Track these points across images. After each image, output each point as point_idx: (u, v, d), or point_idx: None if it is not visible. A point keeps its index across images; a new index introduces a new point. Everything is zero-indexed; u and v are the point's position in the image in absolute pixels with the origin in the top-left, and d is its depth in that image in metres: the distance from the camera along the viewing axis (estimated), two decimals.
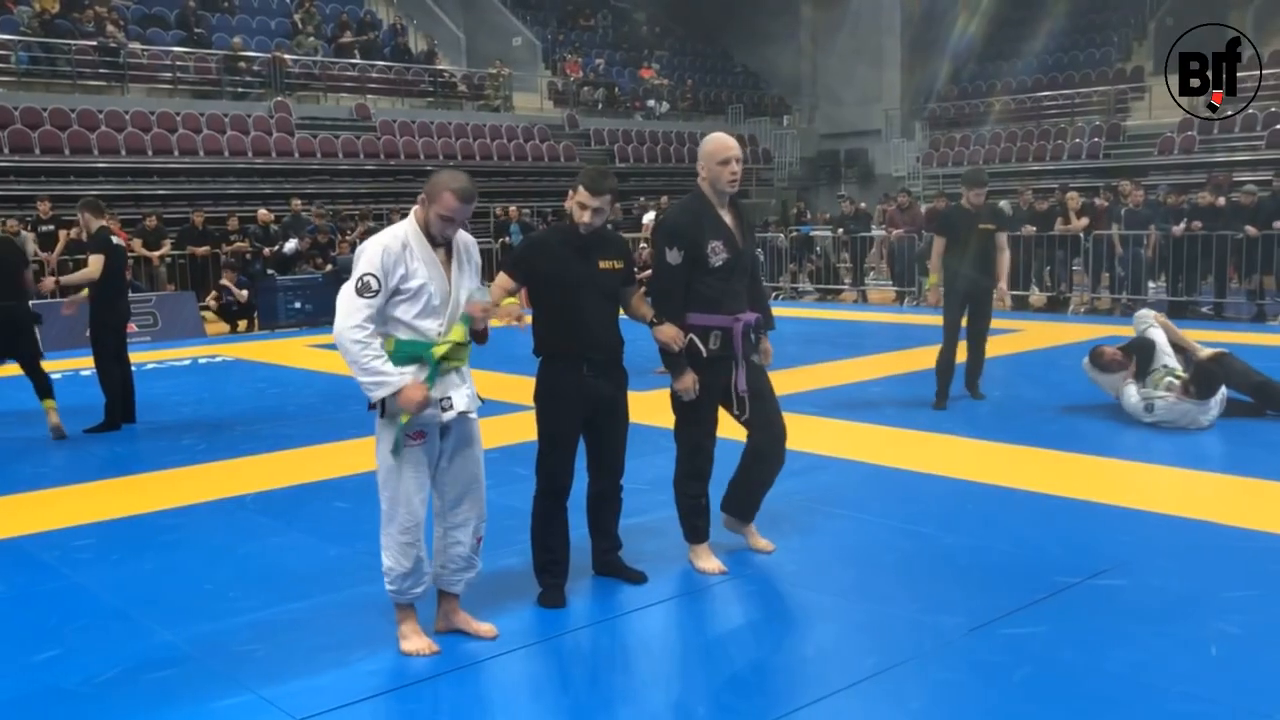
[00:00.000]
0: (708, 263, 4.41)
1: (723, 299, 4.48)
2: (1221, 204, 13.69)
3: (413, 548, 3.83)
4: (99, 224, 8.76)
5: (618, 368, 4.41)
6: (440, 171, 3.85)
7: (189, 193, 18.53)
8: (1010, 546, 4.94)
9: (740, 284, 4.57)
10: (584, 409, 4.30)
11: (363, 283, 3.63)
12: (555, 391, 4.26)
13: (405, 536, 3.81)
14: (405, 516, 3.79)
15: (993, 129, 26.40)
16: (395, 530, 3.81)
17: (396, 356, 3.70)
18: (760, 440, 4.72)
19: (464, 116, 23.98)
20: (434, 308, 3.72)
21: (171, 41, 21.16)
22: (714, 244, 4.42)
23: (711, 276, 4.45)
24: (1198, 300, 13.79)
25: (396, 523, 3.80)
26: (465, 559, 3.99)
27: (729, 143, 4.52)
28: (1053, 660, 3.70)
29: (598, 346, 4.29)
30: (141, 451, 7.46)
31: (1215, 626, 3.94)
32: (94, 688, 3.71)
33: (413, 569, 3.86)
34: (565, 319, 4.24)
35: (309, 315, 15.08)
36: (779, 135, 29.45)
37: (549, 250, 4.32)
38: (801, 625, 4.20)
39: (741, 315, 4.52)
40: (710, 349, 4.47)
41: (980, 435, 7.20)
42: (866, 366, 10.38)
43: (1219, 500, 5.62)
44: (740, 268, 4.54)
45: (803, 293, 18.45)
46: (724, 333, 4.48)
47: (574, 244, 4.27)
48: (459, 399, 3.80)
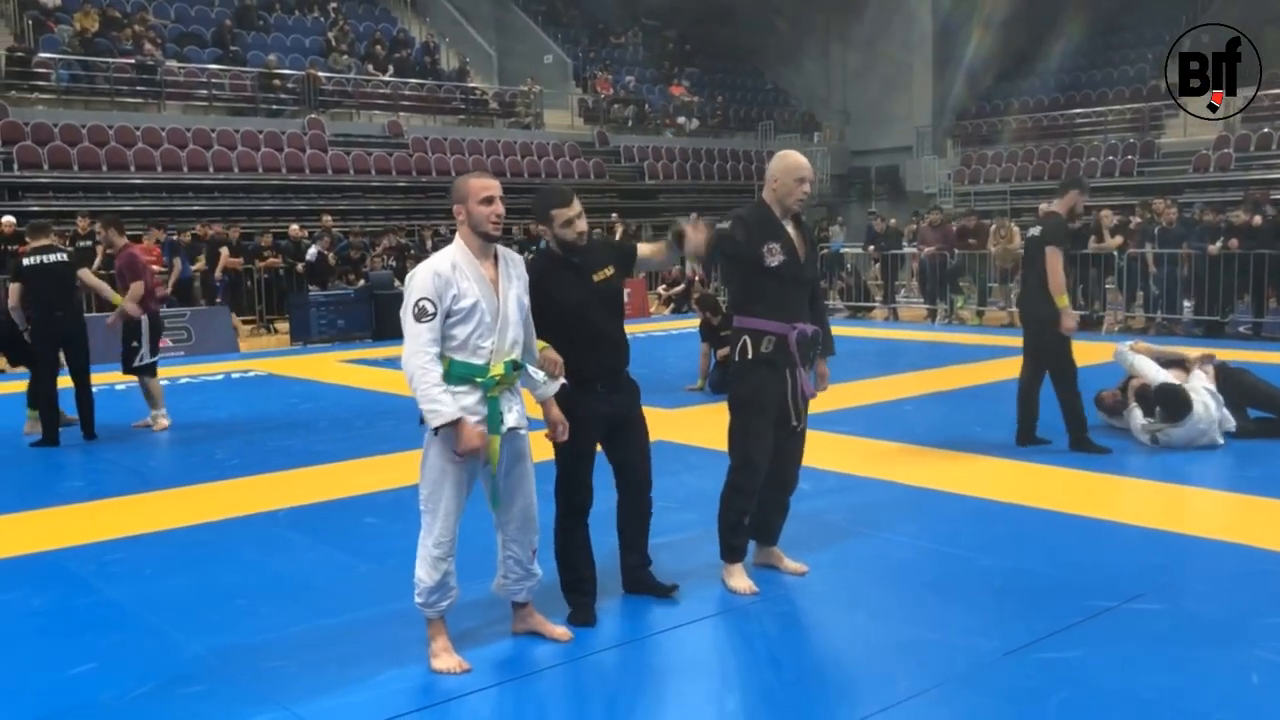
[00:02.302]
0: (763, 261, 4.43)
1: (780, 304, 4.48)
2: (1258, 222, 13.53)
3: (443, 562, 3.88)
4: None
5: (628, 381, 4.44)
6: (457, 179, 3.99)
7: (224, 208, 18.73)
8: (1045, 568, 4.88)
9: (800, 294, 4.58)
10: (601, 427, 4.34)
11: (419, 308, 3.72)
12: (572, 413, 4.20)
13: (438, 550, 3.87)
14: (441, 531, 3.87)
15: (1024, 146, 26.27)
16: (430, 543, 3.89)
17: (451, 377, 3.76)
18: (789, 461, 4.68)
19: (495, 134, 24.15)
20: (486, 325, 3.78)
21: (208, 59, 21.46)
22: (771, 245, 4.45)
23: (767, 278, 4.46)
24: (1235, 320, 13.62)
25: (433, 536, 3.88)
26: (524, 569, 4.09)
27: (805, 163, 4.59)
28: (1089, 686, 3.64)
29: (609, 363, 4.33)
30: (174, 466, 7.53)
31: (1255, 653, 3.87)
32: (128, 702, 3.73)
33: (440, 583, 3.90)
34: (574, 341, 4.23)
35: (341, 330, 15.17)
36: (809, 152, 29.15)
37: (550, 278, 4.26)
38: (834, 647, 4.17)
39: (799, 324, 4.52)
40: (763, 352, 4.47)
41: (1012, 456, 7.13)
42: (898, 385, 10.32)
43: (1255, 523, 5.53)
44: (799, 278, 4.54)
45: (833, 310, 18.37)
46: (778, 339, 4.47)
47: (569, 266, 4.28)
48: (510, 417, 3.88)
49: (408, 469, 7.07)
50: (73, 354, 8.41)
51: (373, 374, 12.02)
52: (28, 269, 8.33)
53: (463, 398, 3.76)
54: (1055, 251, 7.09)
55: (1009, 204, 22.91)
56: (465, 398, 3.76)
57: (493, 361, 3.79)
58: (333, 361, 13.13)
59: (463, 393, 3.76)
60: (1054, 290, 7.08)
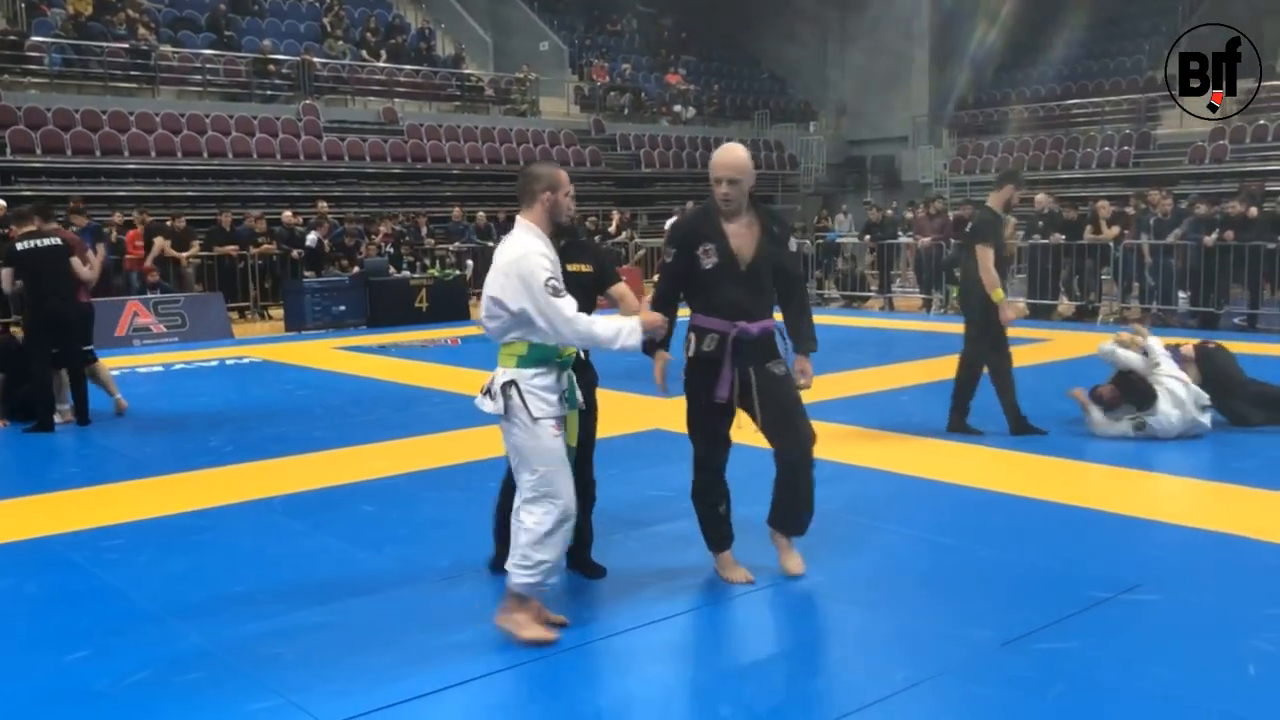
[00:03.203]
0: (699, 264, 4.45)
1: (720, 303, 4.45)
2: (1254, 214, 13.54)
3: (570, 533, 4.04)
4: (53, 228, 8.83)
5: (587, 366, 4.60)
6: (534, 166, 4.11)
7: (217, 194, 18.66)
8: (1041, 559, 4.89)
9: (743, 293, 4.45)
10: None
11: (552, 288, 3.83)
12: None
13: (564, 525, 3.96)
14: (567, 504, 3.95)
15: (1020, 136, 26.26)
16: (553, 523, 3.92)
17: (529, 359, 3.90)
18: (782, 448, 4.61)
19: (490, 121, 24.07)
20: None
21: (202, 44, 21.35)
22: (706, 246, 4.44)
23: (705, 279, 4.47)
24: (1230, 311, 13.64)
25: (556, 515, 3.92)
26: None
27: (726, 160, 4.44)
28: (1087, 677, 3.65)
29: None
30: (169, 452, 7.49)
31: (1251, 645, 3.88)
32: (125, 688, 3.72)
33: (561, 556, 4.03)
34: None
35: (335, 318, 15.13)
36: (805, 141, 29.40)
37: None
38: (831, 637, 4.17)
39: (741, 323, 4.44)
40: (704, 350, 4.45)
41: (1008, 446, 7.14)
42: (894, 375, 10.32)
43: (1249, 515, 5.54)
44: (736, 278, 4.43)
45: (829, 299, 18.38)
46: (720, 338, 4.44)
47: None
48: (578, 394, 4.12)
49: (404, 456, 7.15)
50: (66, 339, 8.36)
51: (367, 361, 11.99)
52: (21, 253, 8.28)
53: (542, 379, 3.90)
54: (984, 249, 7.29)
55: None
56: (545, 378, 3.90)
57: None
58: (327, 348, 13.10)
59: (541, 373, 3.90)
60: (987, 286, 7.23)
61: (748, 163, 4.45)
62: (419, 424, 8.19)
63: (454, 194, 21.30)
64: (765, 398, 4.48)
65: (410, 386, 10.18)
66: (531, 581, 3.96)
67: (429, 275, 16.33)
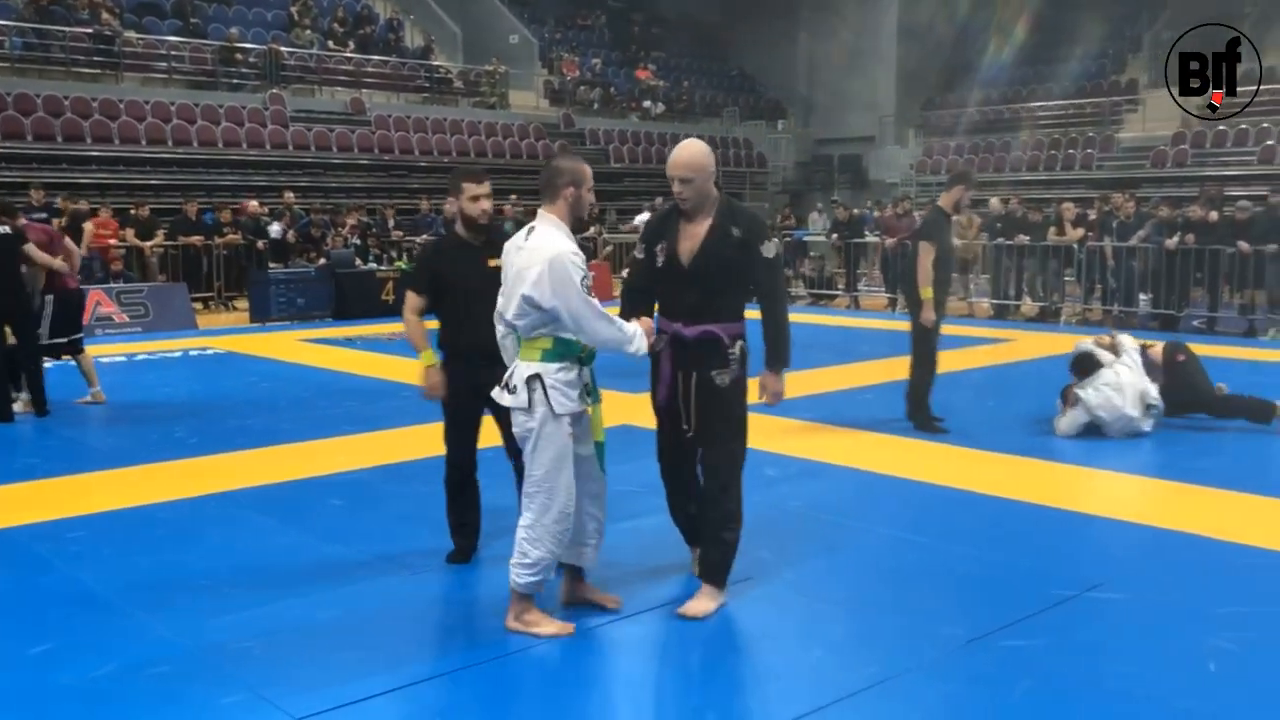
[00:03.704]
0: (655, 261, 4.35)
1: (665, 304, 4.40)
2: (1214, 218, 13.75)
3: (567, 533, 4.04)
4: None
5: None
6: (558, 160, 4.11)
7: (182, 183, 18.45)
8: (1006, 557, 4.95)
9: (682, 293, 4.27)
10: (476, 398, 4.66)
11: (586, 288, 3.91)
12: (450, 382, 4.72)
13: (561, 524, 3.98)
14: (565, 503, 3.98)
15: (986, 138, 26.48)
16: (550, 521, 3.96)
17: (552, 354, 3.93)
18: (704, 464, 4.39)
19: (459, 113, 23.96)
20: None
21: (167, 31, 21.10)
22: (661, 245, 4.32)
23: (658, 277, 4.35)
24: (1190, 314, 13.84)
25: (554, 512, 3.96)
26: (598, 531, 4.25)
27: (678, 158, 4.22)
28: (1052, 674, 3.70)
29: (489, 339, 4.44)
30: (134, 443, 7.41)
31: (1211, 642, 3.95)
32: (90, 683, 3.68)
33: (559, 555, 4.05)
34: (461, 318, 4.68)
35: (301, 309, 15.01)
36: (773, 139, 29.50)
37: (445, 256, 4.85)
38: (801, 633, 4.18)
39: (678, 324, 4.26)
40: (655, 350, 4.29)
41: (972, 444, 7.21)
42: (860, 373, 10.39)
43: (1208, 514, 5.63)
44: (676, 275, 4.25)
45: (796, 297, 18.46)
46: (668, 338, 4.30)
47: (467, 247, 4.76)
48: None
49: (372, 450, 7.11)
50: (17, 329, 8.21)
51: (334, 353, 11.92)
52: None
53: (564, 374, 3.93)
54: (926, 246, 7.53)
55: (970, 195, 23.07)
56: (566, 374, 3.94)
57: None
58: (292, 340, 13.00)
59: (564, 368, 3.94)
60: (920, 282, 7.53)
61: (702, 159, 4.20)
62: (386, 418, 8.15)
63: (421, 186, 21.18)
64: (699, 406, 4.24)
65: (377, 380, 10.13)
66: (531, 580, 3.98)
67: (396, 267, 16.24)
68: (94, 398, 8.75)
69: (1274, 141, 21.33)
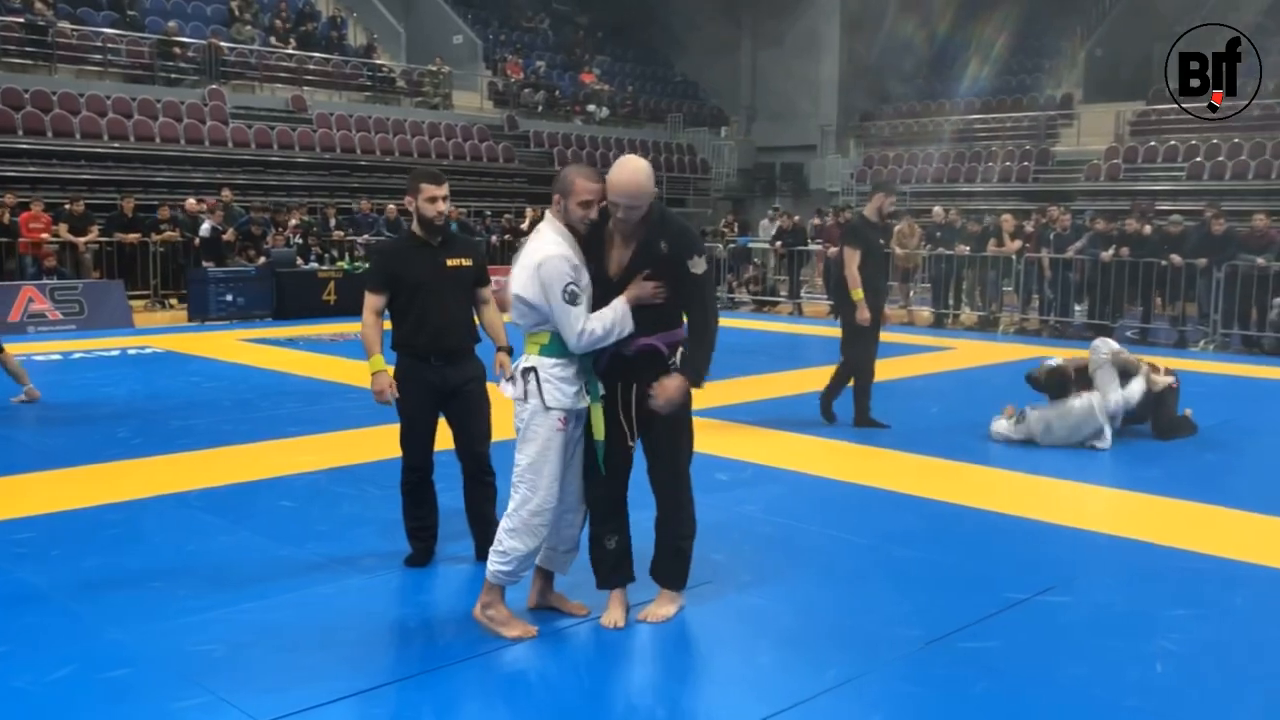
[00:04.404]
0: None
1: None
2: (1148, 232, 14.12)
3: (544, 528, 4.02)
4: None
5: (469, 358, 4.80)
6: (564, 169, 4.16)
7: (118, 178, 18.07)
8: (958, 560, 5.05)
9: None
10: (431, 397, 4.73)
11: (569, 294, 3.88)
12: (407, 382, 4.72)
13: (538, 519, 3.98)
14: (544, 498, 3.97)
15: (925, 149, 26.89)
16: (527, 513, 3.97)
17: (549, 349, 3.95)
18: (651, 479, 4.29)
19: (402, 113, 23.76)
20: (587, 305, 3.97)
21: (103, 23, 20.66)
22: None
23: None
24: (1124, 324, 14.18)
25: (532, 505, 3.97)
26: (574, 540, 4.23)
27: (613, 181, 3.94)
28: (1009, 674, 3.79)
29: (446, 340, 4.68)
30: (76, 444, 7.25)
31: (1158, 644, 4.08)
32: (45, 686, 3.61)
33: (534, 550, 4.05)
34: (417, 316, 4.68)
35: (241, 309, 14.78)
36: (716, 146, 29.67)
37: (402, 256, 4.81)
38: (763, 635, 4.20)
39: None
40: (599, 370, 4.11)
41: (919, 451, 7.32)
42: (806, 379, 10.48)
43: (1154, 521, 5.80)
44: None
45: (739, 304, 18.60)
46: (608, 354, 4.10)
47: (424, 247, 4.76)
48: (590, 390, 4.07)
49: (320, 452, 7.04)
50: None
51: (276, 354, 11.76)
52: None
53: (560, 370, 3.95)
54: (849, 251, 7.89)
55: (909, 205, 23.40)
56: (564, 370, 3.96)
57: None
58: (232, 340, 12.81)
59: (561, 364, 3.95)
60: (849, 285, 7.83)
61: (648, 186, 3.95)
62: (333, 419, 8.07)
63: (363, 185, 20.99)
64: (642, 418, 4.13)
65: (321, 381, 10.02)
66: (502, 569, 4.01)
67: (338, 267, 16.07)
68: (28, 395, 8.54)
69: (1201, 158, 21.94)
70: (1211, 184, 21.00)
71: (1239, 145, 21.71)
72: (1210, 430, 7.88)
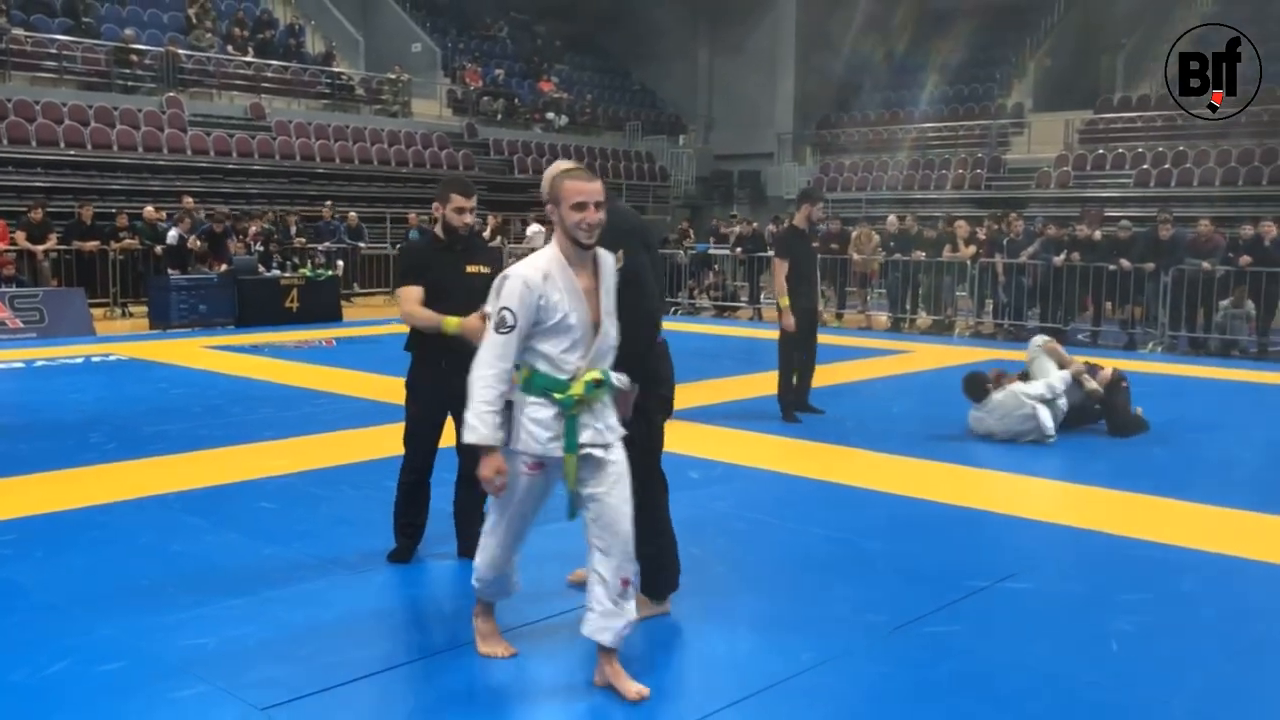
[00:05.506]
0: None
1: None
2: (1098, 237, 14.50)
3: (505, 564, 3.83)
4: None
5: None
6: (546, 173, 3.84)
7: (76, 186, 17.96)
8: (921, 551, 5.25)
9: None
10: (439, 400, 4.74)
11: (500, 318, 3.49)
12: (418, 386, 4.83)
13: (500, 551, 3.78)
14: (505, 533, 3.76)
15: (879, 156, 27.31)
16: (494, 542, 3.79)
17: (530, 387, 3.54)
18: None
19: (361, 120, 23.78)
20: (577, 340, 3.53)
21: (57, 30, 20.51)
22: None
23: None
24: (1075, 328, 14.53)
25: (497, 537, 3.78)
26: (609, 600, 3.58)
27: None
28: (973, 655, 3.99)
29: (455, 344, 4.54)
30: (50, 448, 7.27)
31: (1113, 625, 4.29)
32: (42, 680, 3.69)
33: (496, 579, 3.87)
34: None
35: (203, 316, 14.76)
36: (674, 154, 29.92)
37: (427, 257, 4.90)
38: (739, 622, 4.36)
39: None
40: None
41: (881, 449, 7.54)
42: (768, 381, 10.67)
43: (1102, 511, 6.04)
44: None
45: (701, 309, 18.81)
46: None
47: (448, 251, 4.85)
48: (586, 434, 3.56)
49: (296, 455, 7.13)
50: None
51: (240, 360, 11.79)
52: None
53: (537, 410, 3.53)
54: (778, 263, 8.37)
55: (864, 212, 23.79)
56: (541, 411, 3.53)
57: (577, 377, 3.53)
58: (195, 347, 12.80)
59: (539, 405, 3.53)
60: (776, 293, 8.35)
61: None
62: (305, 424, 8.15)
63: (322, 193, 20.97)
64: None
65: (289, 386, 10.07)
66: (474, 582, 3.92)
67: (300, 275, 16.08)
68: None
69: (1148, 165, 22.49)
70: (1158, 190, 21.55)
71: (1184, 153, 22.29)
72: (1160, 427, 8.18)
